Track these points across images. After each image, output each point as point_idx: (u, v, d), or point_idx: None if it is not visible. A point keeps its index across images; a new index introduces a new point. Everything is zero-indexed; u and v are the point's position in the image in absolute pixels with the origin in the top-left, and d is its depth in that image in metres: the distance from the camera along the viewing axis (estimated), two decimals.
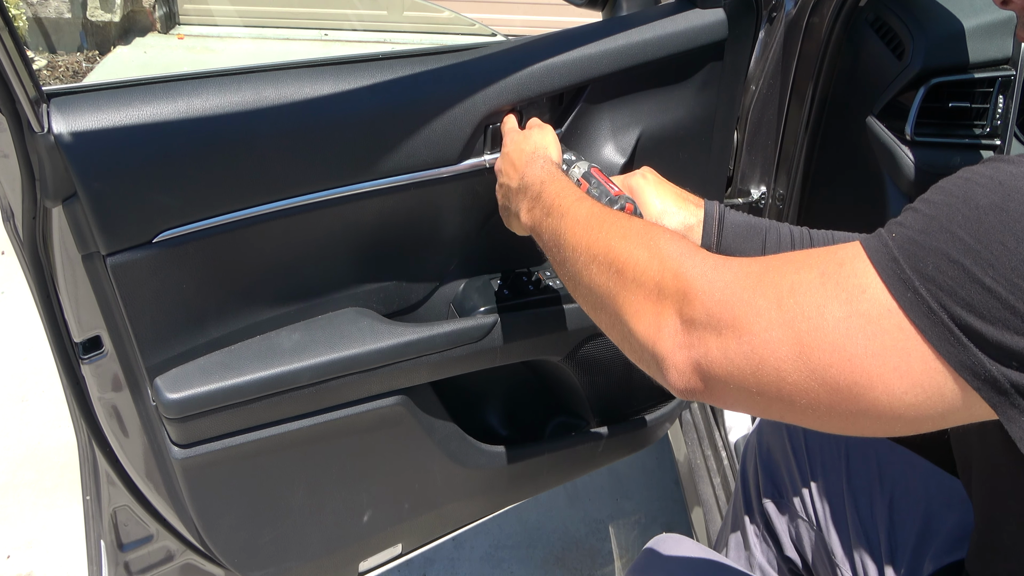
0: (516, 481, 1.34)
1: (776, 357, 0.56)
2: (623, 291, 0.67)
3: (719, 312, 0.59)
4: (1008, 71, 1.31)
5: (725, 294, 0.59)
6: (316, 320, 1.05)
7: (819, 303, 0.55)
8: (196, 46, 4.49)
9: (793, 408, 0.57)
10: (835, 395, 0.54)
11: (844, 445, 1.12)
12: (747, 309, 0.57)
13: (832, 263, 0.56)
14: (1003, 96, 1.31)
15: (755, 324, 0.57)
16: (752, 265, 0.60)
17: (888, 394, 0.53)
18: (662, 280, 0.64)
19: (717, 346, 0.59)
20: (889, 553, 1.02)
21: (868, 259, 0.54)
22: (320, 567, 1.23)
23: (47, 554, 1.83)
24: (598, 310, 0.72)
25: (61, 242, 0.86)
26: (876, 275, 0.53)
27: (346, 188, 0.96)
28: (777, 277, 0.58)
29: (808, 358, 0.54)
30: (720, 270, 0.61)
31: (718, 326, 0.59)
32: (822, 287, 0.55)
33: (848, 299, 0.54)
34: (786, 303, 0.56)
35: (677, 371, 0.62)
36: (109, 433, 1.02)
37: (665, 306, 0.63)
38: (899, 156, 1.32)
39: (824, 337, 0.54)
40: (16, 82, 0.73)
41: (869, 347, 0.53)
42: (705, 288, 0.60)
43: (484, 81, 0.98)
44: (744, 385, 0.58)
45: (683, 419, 1.69)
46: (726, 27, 1.11)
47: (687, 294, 0.61)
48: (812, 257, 0.58)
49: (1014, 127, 1.33)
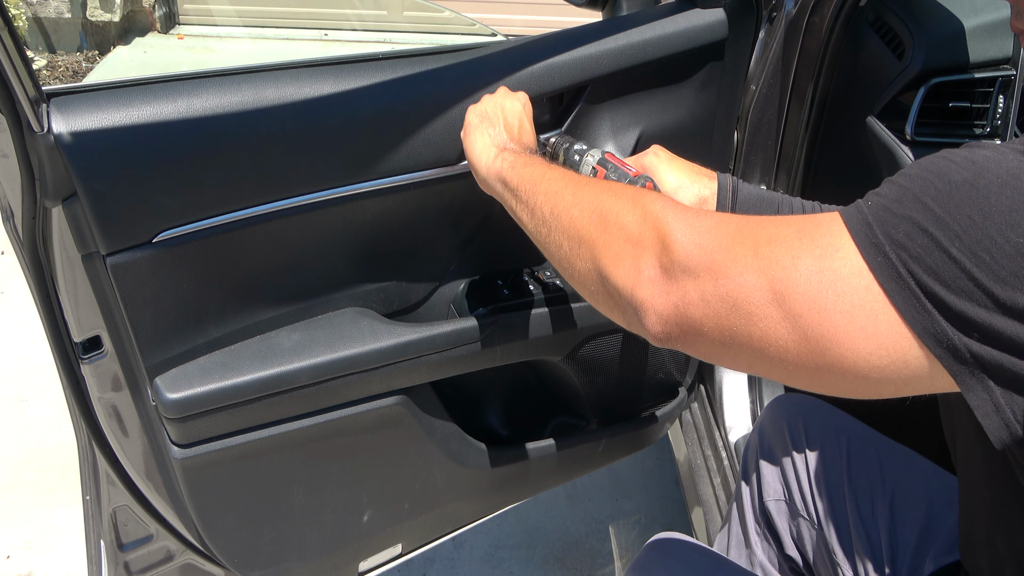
0: (516, 481, 1.34)
1: (750, 301, 0.57)
2: (603, 236, 0.68)
3: (698, 255, 0.60)
4: (1008, 71, 1.31)
5: (704, 239, 0.61)
6: (316, 320, 1.05)
7: (793, 254, 0.56)
8: (196, 46, 4.49)
9: (763, 357, 0.58)
10: (803, 345, 0.56)
11: (845, 444, 1.12)
12: (724, 254, 0.59)
13: (810, 223, 0.58)
14: (1003, 96, 1.31)
15: (731, 268, 0.58)
16: (732, 217, 0.62)
17: (854, 352, 0.54)
18: (643, 228, 0.65)
19: (694, 288, 0.60)
20: (890, 552, 1.02)
21: (844, 223, 0.56)
22: (320, 567, 1.23)
23: (47, 554, 1.83)
24: (571, 259, 0.72)
25: (61, 242, 0.86)
26: (850, 237, 0.55)
27: (346, 188, 0.96)
28: (756, 228, 0.60)
29: (780, 304, 0.56)
30: (701, 218, 0.63)
31: (696, 270, 0.60)
32: (798, 240, 0.57)
33: (821, 255, 0.56)
34: (762, 251, 0.58)
35: (656, 314, 0.63)
36: (109, 433, 1.02)
37: (645, 251, 0.64)
38: (899, 156, 1.32)
39: (796, 286, 0.56)
40: (16, 82, 0.73)
41: (838, 304, 0.54)
42: (685, 232, 0.62)
43: (484, 81, 0.98)
44: (720, 328, 0.59)
45: (683, 419, 1.69)
46: (726, 27, 1.11)
47: (667, 240, 0.62)
48: (793, 217, 0.60)
49: (1014, 127, 1.32)
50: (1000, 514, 0.71)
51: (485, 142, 0.90)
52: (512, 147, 0.88)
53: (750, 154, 1.44)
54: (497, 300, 1.12)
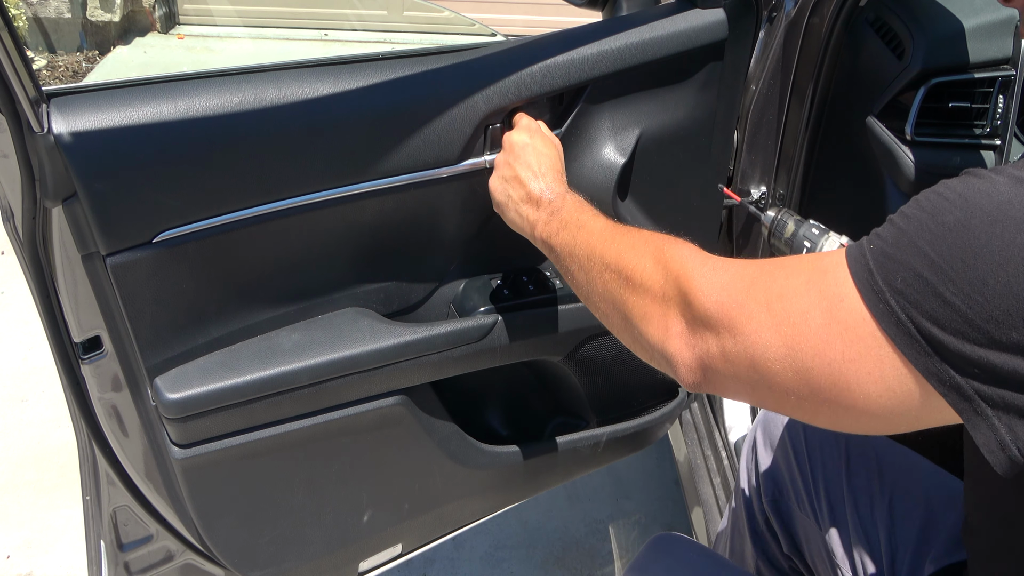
0: (516, 481, 1.34)
1: (767, 357, 0.61)
2: (632, 297, 0.74)
3: (717, 313, 0.65)
4: (1008, 71, 1.31)
5: (721, 296, 0.65)
6: (316, 320, 1.05)
7: (803, 309, 0.60)
8: (196, 46, 4.49)
9: (786, 402, 0.62)
10: (819, 395, 0.59)
11: (844, 444, 1.12)
12: (740, 312, 0.63)
13: (817, 271, 0.61)
14: (1003, 96, 1.31)
15: (747, 326, 0.62)
16: (748, 268, 0.66)
17: (864, 397, 0.58)
18: (666, 285, 0.70)
19: (716, 344, 0.65)
20: (890, 553, 1.02)
21: (848, 269, 0.59)
22: (320, 567, 1.23)
23: (47, 554, 1.83)
24: (610, 316, 0.78)
25: (61, 242, 0.86)
26: (853, 285, 0.58)
27: (346, 188, 0.96)
28: (768, 281, 0.63)
29: (794, 359, 0.60)
30: (718, 272, 0.67)
31: (716, 326, 0.64)
32: (807, 294, 0.60)
33: (828, 307, 0.59)
34: (775, 307, 0.61)
35: (686, 367, 0.68)
36: (109, 433, 1.02)
37: (671, 309, 0.69)
38: (899, 156, 1.32)
39: (807, 341, 0.59)
40: (16, 82, 0.73)
41: (846, 353, 0.57)
42: (704, 290, 0.66)
43: (484, 81, 0.98)
44: (742, 380, 0.64)
45: (683, 419, 1.69)
46: (726, 27, 1.11)
47: (688, 296, 0.67)
48: (802, 263, 0.63)
49: (1014, 127, 1.32)
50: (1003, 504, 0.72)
51: (516, 216, 0.94)
52: (537, 211, 0.91)
53: (750, 154, 1.44)
54: (497, 300, 1.12)
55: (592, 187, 1.11)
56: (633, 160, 1.13)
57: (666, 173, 1.19)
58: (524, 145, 0.96)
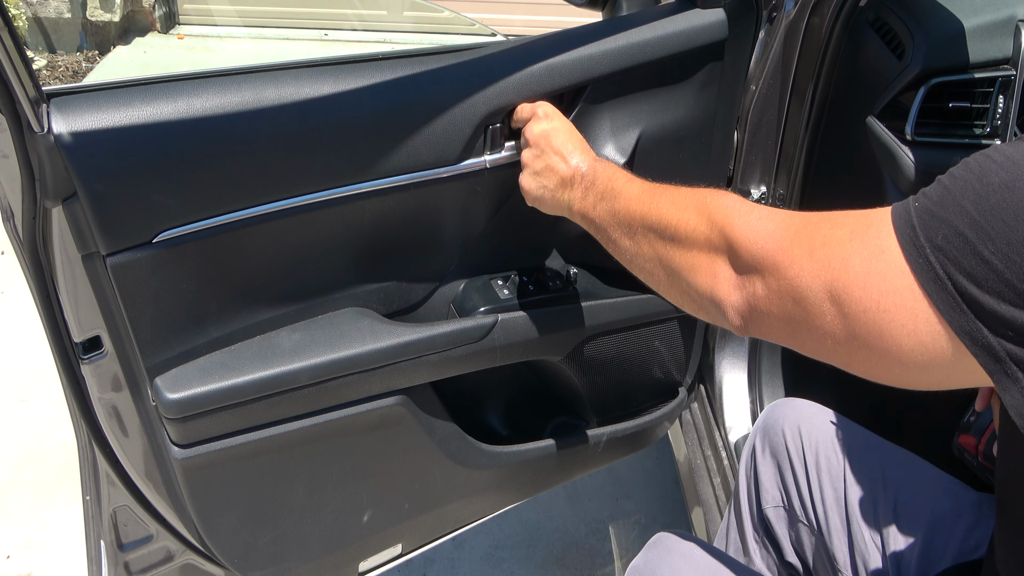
0: (516, 481, 1.34)
1: (807, 298, 0.64)
2: (678, 251, 0.77)
3: (762, 257, 0.68)
4: (1008, 71, 1.31)
5: (767, 243, 0.68)
6: (316, 320, 1.05)
7: (844, 256, 0.62)
8: (196, 46, 4.49)
9: (823, 345, 0.64)
10: (853, 339, 0.61)
11: (844, 449, 1.11)
12: (785, 255, 0.66)
13: (862, 223, 0.63)
14: (1003, 96, 1.31)
15: (791, 268, 0.65)
16: (793, 217, 0.69)
17: (897, 347, 0.59)
18: (711, 235, 0.74)
19: (761, 284, 0.68)
20: (895, 560, 1.01)
21: (892, 224, 0.60)
22: (320, 567, 1.23)
23: (47, 554, 1.83)
24: (656, 274, 0.82)
25: (61, 242, 0.86)
26: (895, 239, 0.59)
27: (346, 188, 0.96)
28: (812, 230, 0.66)
29: (833, 301, 0.62)
30: (763, 220, 0.70)
31: (762, 269, 0.68)
32: (849, 242, 0.62)
33: (869, 256, 0.60)
34: (817, 253, 0.64)
35: (734, 310, 0.71)
36: (109, 433, 1.02)
37: (717, 256, 0.73)
38: (899, 156, 1.32)
39: (846, 287, 0.61)
40: (16, 82, 0.73)
41: (882, 303, 0.59)
42: (750, 238, 0.69)
43: (484, 81, 0.98)
44: (785, 318, 0.67)
45: (683, 419, 1.69)
46: (726, 27, 1.11)
47: (734, 244, 0.71)
48: (847, 217, 0.65)
49: (1014, 127, 1.32)
50: None
51: (554, 203, 0.97)
52: (572, 191, 0.93)
53: (750, 154, 1.44)
54: (497, 300, 1.12)
55: None
56: (633, 160, 1.13)
57: (666, 173, 1.19)
58: (545, 133, 0.97)
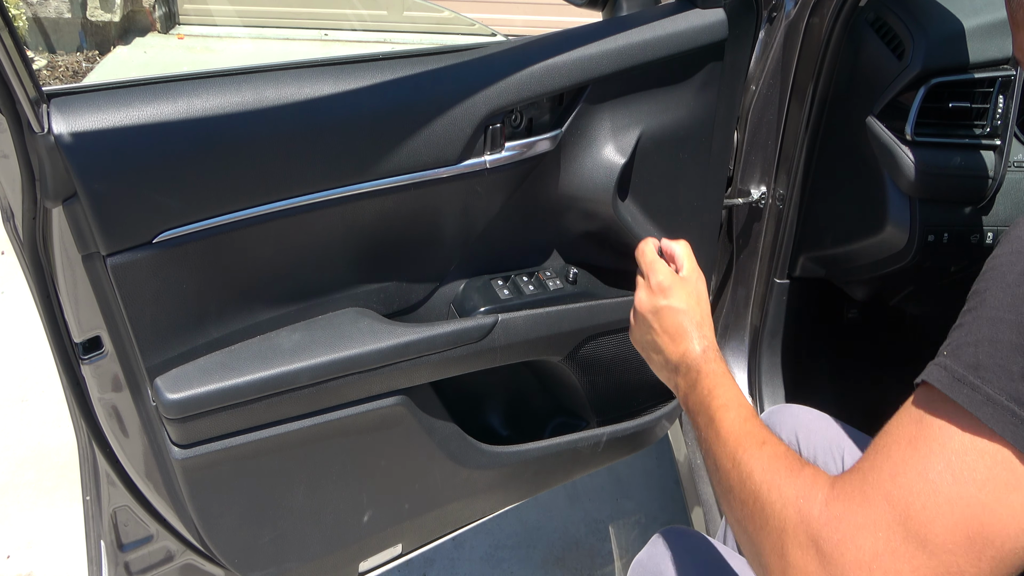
0: (516, 481, 1.34)
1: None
2: (758, 531, 0.67)
3: (845, 556, 0.59)
4: (1008, 71, 1.31)
5: (846, 535, 0.59)
6: (316, 320, 1.05)
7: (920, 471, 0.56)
8: (196, 46, 4.50)
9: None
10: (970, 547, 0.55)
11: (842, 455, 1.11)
12: (867, 535, 0.58)
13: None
14: (1003, 96, 1.31)
15: (877, 549, 0.57)
16: (875, 506, 0.60)
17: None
18: (785, 528, 0.64)
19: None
20: None
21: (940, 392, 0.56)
22: (320, 567, 1.23)
23: (47, 554, 1.83)
24: (733, 526, 0.73)
25: (61, 242, 0.86)
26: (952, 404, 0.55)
27: (346, 188, 0.96)
28: (905, 514, 0.58)
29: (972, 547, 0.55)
30: (831, 505, 0.62)
31: (846, 570, 0.59)
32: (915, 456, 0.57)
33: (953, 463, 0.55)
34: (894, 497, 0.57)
35: None
36: (109, 433, 1.02)
37: (792, 551, 0.62)
38: (899, 156, 1.32)
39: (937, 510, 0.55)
40: (16, 82, 0.73)
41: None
42: (829, 538, 0.60)
43: (484, 81, 0.98)
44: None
45: (683, 419, 1.69)
46: (726, 27, 1.11)
47: (817, 544, 0.61)
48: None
49: (1014, 127, 1.32)
50: None
51: (661, 375, 0.95)
52: (677, 378, 0.90)
53: (750, 154, 1.44)
54: (497, 300, 1.12)
55: (592, 187, 1.11)
56: (633, 160, 1.13)
57: (666, 173, 1.19)
58: (655, 311, 0.95)
